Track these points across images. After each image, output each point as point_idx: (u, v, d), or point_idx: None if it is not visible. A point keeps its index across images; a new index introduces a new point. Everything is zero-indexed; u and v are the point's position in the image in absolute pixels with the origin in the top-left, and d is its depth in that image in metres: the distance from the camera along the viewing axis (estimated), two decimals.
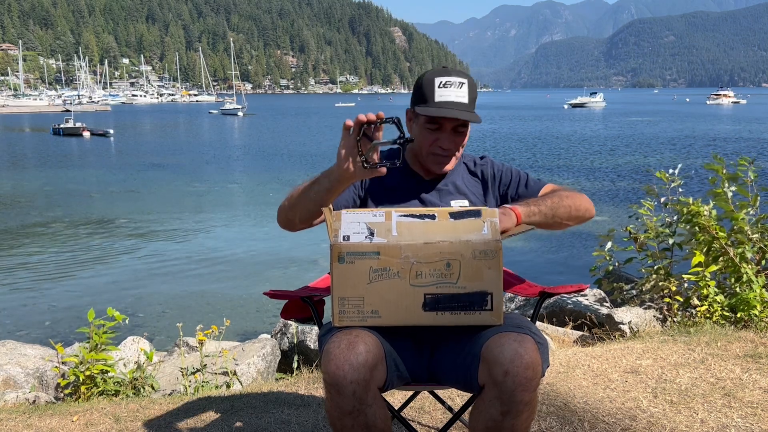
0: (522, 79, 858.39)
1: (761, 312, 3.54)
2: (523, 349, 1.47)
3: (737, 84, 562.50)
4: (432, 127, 1.81)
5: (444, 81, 1.79)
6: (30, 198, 18.74)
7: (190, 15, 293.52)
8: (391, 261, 1.54)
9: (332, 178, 1.64)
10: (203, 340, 3.42)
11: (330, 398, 1.51)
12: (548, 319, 4.71)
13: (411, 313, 1.56)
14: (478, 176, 1.99)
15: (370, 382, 1.50)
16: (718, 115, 69.87)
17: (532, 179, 1.98)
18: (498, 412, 1.48)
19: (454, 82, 1.80)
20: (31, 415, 2.67)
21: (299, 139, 41.06)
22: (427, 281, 1.55)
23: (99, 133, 42.83)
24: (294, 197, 1.75)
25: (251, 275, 10.16)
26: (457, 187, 1.94)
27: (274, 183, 21.45)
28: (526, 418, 1.51)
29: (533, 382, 1.46)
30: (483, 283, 1.56)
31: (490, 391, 1.50)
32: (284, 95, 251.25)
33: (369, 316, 1.56)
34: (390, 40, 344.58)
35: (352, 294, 1.54)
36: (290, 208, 1.77)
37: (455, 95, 1.79)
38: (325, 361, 1.51)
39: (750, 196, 3.97)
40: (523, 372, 1.45)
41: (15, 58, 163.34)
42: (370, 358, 1.50)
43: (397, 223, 1.57)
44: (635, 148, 32.72)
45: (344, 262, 1.54)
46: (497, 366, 1.47)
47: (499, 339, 1.51)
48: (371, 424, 1.52)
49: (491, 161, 2.02)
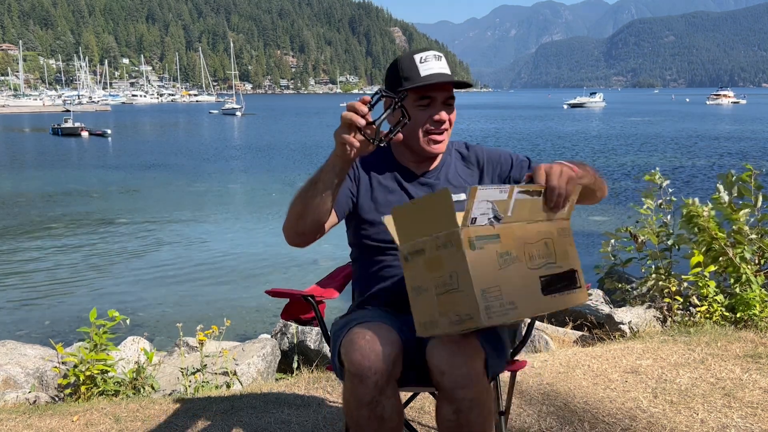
0: (522, 79, 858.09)
1: (761, 312, 3.54)
2: (459, 349, 1.50)
3: (737, 84, 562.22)
4: (423, 103, 1.76)
5: (423, 56, 1.76)
6: (30, 198, 18.74)
7: (190, 15, 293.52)
8: (510, 244, 1.42)
9: (338, 170, 1.57)
10: (203, 340, 3.42)
11: (350, 388, 1.53)
12: (548, 319, 4.70)
13: (537, 300, 1.44)
14: (472, 162, 1.92)
15: (392, 375, 1.53)
16: (717, 114, 69.86)
17: (535, 161, 1.89)
18: (450, 410, 1.53)
19: (433, 56, 1.78)
20: (31, 415, 2.67)
21: (300, 138, 41.06)
22: (538, 263, 1.46)
23: (97, 133, 42.96)
24: (298, 207, 1.65)
25: (251, 275, 10.15)
26: (449, 180, 1.88)
27: (274, 183, 21.44)
28: (478, 414, 1.53)
29: (469, 378, 1.49)
30: (570, 261, 1.53)
31: (439, 393, 1.56)
32: (284, 95, 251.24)
33: (509, 309, 1.37)
34: (390, 40, 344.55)
35: (491, 284, 1.36)
36: (298, 219, 1.66)
37: (438, 67, 1.76)
38: (349, 350, 1.52)
39: (752, 197, 3.98)
40: (457, 370, 1.48)
41: (15, 58, 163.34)
42: (394, 351, 1.53)
43: (515, 202, 1.44)
44: (637, 147, 32.72)
45: (475, 248, 1.37)
46: (435, 368, 1.52)
47: (437, 341, 1.54)
48: (387, 416, 1.54)
49: (481, 146, 1.97)
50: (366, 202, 1.84)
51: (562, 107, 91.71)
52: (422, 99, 1.76)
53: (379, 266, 1.84)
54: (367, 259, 1.87)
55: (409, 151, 1.85)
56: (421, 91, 1.74)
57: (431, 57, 1.77)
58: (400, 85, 1.74)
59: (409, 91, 1.72)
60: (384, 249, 1.81)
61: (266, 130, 50.80)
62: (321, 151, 33.08)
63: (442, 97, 1.77)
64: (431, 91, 1.75)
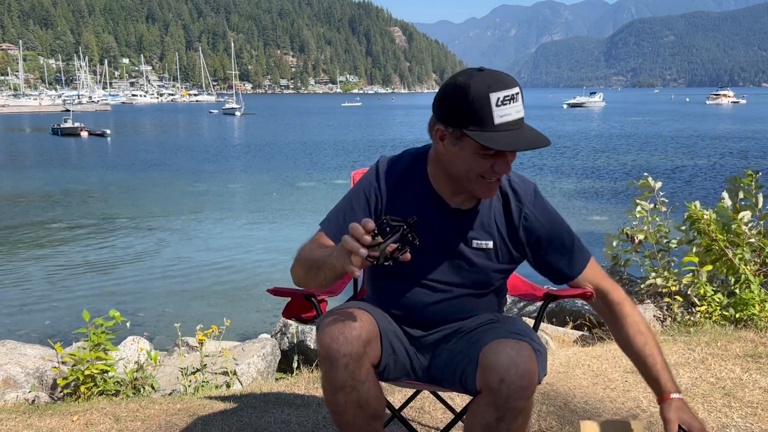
0: (522, 79, 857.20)
1: (761, 312, 3.54)
2: (519, 358, 1.45)
3: (737, 84, 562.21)
4: (489, 153, 1.49)
5: (501, 97, 1.45)
6: (29, 197, 18.74)
7: (190, 15, 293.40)
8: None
9: (338, 273, 1.46)
10: (203, 340, 3.42)
11: (324, 374, 1.51)
12: (548, 319, 4.71)
13: None
14: (515, 219, 1.66)
15: (363, 358, 1.50)
16: (717, 114, 69.84)
17: (578, 250, 1.68)
18: (493, 417, 1.48)
19: (511, 96, 1.46)
20: (31, 415, 2.66)
21: (301, 138, 41.04)
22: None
23: (97, 133, 43.14)
24: (304, 269, 1.59)
25: (251, 275, 10.16)
26: (482, 223, 1.65)
27: (275, 182, 21.45)
28: (520, 424, 1.51)
29: (528, 390, 1.45)
30: None
31: (485, 397, 1.49)
32: (284, 95, 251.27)
33: None
34: (390, 40, 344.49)
35: None
36: (304, 279, 1.61)
37: (515, 111, 1.47)
38: (319, 335, 1.51)
39: (753, 198, 3.99)
40: (518, 380, 1.44)
41: (15, 58, 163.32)
42: (364, 333, 1.50)
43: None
44: (638, 147, 32.73)
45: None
46: (493, 373, 1.45)
47: (496, 345, 1.49)
48: (363, 402, 1.51)
49: (548, 209, 1.67)
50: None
51: (561, 107, 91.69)
52: (487, 149, 1.48)
53: (388, 292, 1.75)
54: (379, 281, 1.79)
55: (447, 180, 1.61)
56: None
57: (510, 98, 1.46)
58: (465, 124, 1.47)
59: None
60: (395, 277, 1.71)
61: (266, 129, 50.81)
62: (321, 150, 33.07)
63: (513, 154, 1.51)
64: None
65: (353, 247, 1.31)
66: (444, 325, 1.73)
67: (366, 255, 1.32)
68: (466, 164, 1.52)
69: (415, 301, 1.70)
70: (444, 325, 1.73)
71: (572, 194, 18.79)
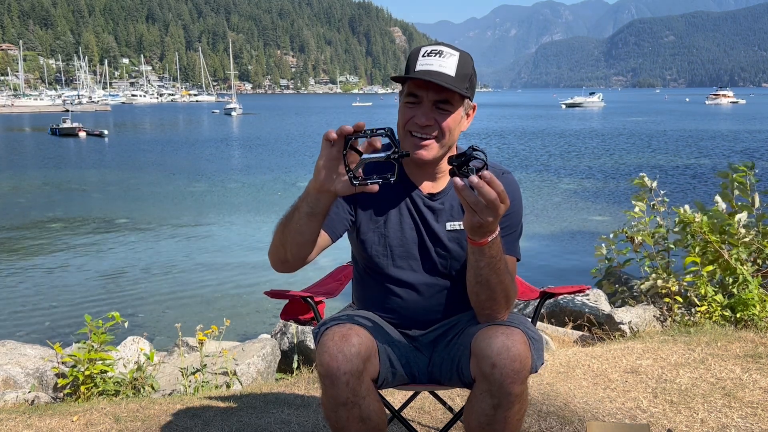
0: (522, 79, 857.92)
1: (761, 312, 3.54)
2: (510, 342, 1.46)
3: (737, 84, 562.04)
4: (411, 100, 1.59)
5: (430, 50, 1.58)
6: (29, 197, 18.73)
7: (190, 15, 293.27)
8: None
9: (310, 200, 1.46)
10: (203, 340, 3.42)
11: (324, 390, 1.51)
12: (548, 319, 4.71)
13: None
14: None
15: (364, 374, 1.50)
16: (717, 114, 69.84)
17: (512, 242, 1.67)
18: (489, 405, 1.49)
19: (441, 51, 1.57)
20: (31, 415, 2.66)
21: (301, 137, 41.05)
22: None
23: (95, 133, 43.26)
24: (279, 233, 1.56)
25: (251, 275, 10.15)
26: (452, 205, 1.70)
27: (275, 182, 21.44)
28: (517, 410, 1.51)
29: (521, 374, 1.46)
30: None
31: (480, 385, 1.50)
32: (284, 95, 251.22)
33: None
34: (390, 40, 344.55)
35: None
36: (280, 246, 1.57)
37: (438, 64, 1.55)
38: (319, 353, 1.51)
39: (749, 198, 3.98)
40: (510, 364, 1.45)
41: (15, 58, 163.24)
42: (363, 349, 1.50)
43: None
44: (638, 147, 32.72)
45: None
46: (485, 359, 1.47)
47: (487, 332, 1.51)
48: (365, 416, 1.52)
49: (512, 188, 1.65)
50: (365, 222, 1.71)
51: (559, 107, 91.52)
52: (409, 96, 1.59)
53: (375, 287, 1.76)
54: (365, 274, 1.80)
55: (413, 163, 1.68)
56: (409, 88, 1.58)
57: (439, 53, 1.57)
58: (403, 77, 1.60)
59: (402, 84, 1.59)
60: (379, 269, 1.73)
61: (267, 129, 50.77)
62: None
63: (431, 99, 1.57)
64: (418, 90, 1.57)
65: (343, 127, 1.36)
66: (440, 322, 1.75)
67: (351, 131, 1.35)
68: (402, 118, 1.62)
69: (403, 305, 1.72)
70: (440, 321, 1.75)
71: (572, 194, 18.78)
